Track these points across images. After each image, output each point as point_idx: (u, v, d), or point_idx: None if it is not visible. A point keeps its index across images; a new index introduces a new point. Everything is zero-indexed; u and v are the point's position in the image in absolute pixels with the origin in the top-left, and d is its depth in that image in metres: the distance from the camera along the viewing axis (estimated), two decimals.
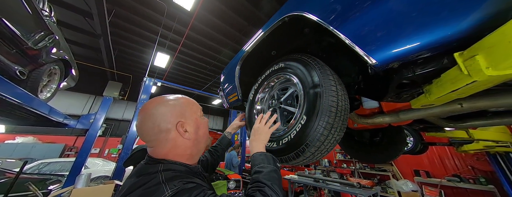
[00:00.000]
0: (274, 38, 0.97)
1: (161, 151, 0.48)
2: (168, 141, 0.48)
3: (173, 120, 0.48)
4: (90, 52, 7.08)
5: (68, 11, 5.09)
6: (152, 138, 0.48)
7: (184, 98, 0.55)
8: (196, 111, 0.55)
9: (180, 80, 9.62)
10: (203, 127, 0.57)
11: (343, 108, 0.65)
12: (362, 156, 1.67)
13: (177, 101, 0.52)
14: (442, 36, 0.41)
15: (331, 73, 0.70)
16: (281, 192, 0.45)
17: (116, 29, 5.90)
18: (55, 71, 2.00)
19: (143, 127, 0.48)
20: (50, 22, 1.63)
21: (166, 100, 0.51)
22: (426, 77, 0.53)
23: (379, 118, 0.94)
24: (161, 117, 0.47)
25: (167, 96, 0.53)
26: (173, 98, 0.53)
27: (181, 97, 0.55)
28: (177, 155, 0.49)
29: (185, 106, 0.53)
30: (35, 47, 1.47)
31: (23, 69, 1.49)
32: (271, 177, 0.48)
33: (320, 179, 2.79)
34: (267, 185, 0.45)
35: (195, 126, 0.53)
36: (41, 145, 7.16)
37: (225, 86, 1.38)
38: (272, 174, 0.50)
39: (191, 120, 0.52)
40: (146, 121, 0.47)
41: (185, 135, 0.50)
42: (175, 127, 0.48)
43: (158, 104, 0.49)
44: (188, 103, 0.54)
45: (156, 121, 0.47)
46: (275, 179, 0.49)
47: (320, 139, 0.60)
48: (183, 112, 0.51)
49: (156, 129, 0.47)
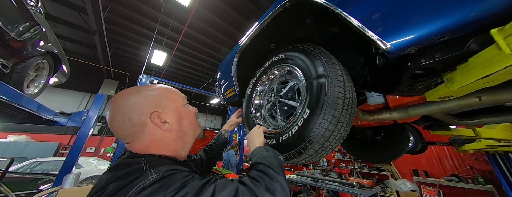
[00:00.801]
0: (273, 29, 0.90)
1: (140, 145, 0.42)
2: (146, 135, 0.42)
3: (147, 111, 0.42)
4: (86, 49, 6.92)
5: (62, 7, 4.94)
6: (126, 134, 0.42)
7: (161, 87, 0.49)
8: (177, 99, 0.49)
9: (178, 78, 9.49)
10: (188, 117, 0.51)
11: (351, 100, 0.58)
12: (364, 155, 1.61)
13: (151, 90, 0.46)
14: (474, 12, 0.35)
15: (337, 63, 0.63)
16: (279, 169, 0.43)
17: (112, 25, 5.76)
18: (43, 65, 1.90)
19: (114, 122, 0.42)
20: (36, 13, 1.54)
21: (137, 89, 0.46)
22: (447, 63, 0.46)
23: (386, 114, 0.88)
24: (132, 108, 0.42)
25: (138, 87, 0.47)
26: (147, 87, 0.47)
27: (157, 86, 0.49)
28: (160, 149, 0.43)
29: (162, 95, 0.47)
30: (18, 38, 1.38)
31: (6, 62, 1.39)
32: (264, 156, 0.48)
33: (319, 178, 2.74)
34: (262, 163, 0.44)
35: (176, 115, 0.47)
36: (34, 144, 6.99)
37: (222, 82, 1.31)
38: (270, 158, 0.48)
39: (170, 110, 0.46)
40: (116, 114, 0.42)
41: (164, 126, 0.44)
42: (150, 118, 0.42)
43: (128, 94, 0.44)
44: (165, 91, 0.49)
45: (127, 114, 0.41)
46: (272, 157, 0.48)
47: (325, 134, 0.53)
48: (159, 102, 0.45)
49: (128, 123, 0.41)
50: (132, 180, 0.31)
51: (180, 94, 0.52)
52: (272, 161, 0.46)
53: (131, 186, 0.30)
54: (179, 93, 0.52)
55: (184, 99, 0.53)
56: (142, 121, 0.42)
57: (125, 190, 0.29)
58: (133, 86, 0.53)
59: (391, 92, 0.69)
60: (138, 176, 0.32)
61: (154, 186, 0.30)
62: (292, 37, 0.99)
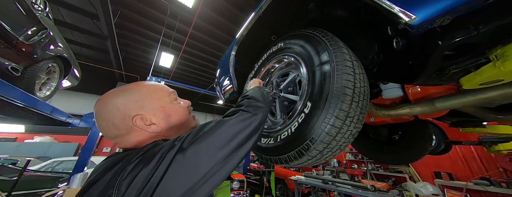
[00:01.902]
0: (272, 18, 0.82)
1: (129, 145, 0.40)
2: (134, 136, 0.41)
3: (128, 114, 0.40)
4: (100, 54, 7.30)
5: (77, 15, 5.24)
6: (113, 136, 0.41)
7: (144, 85, 0.45)
8: (161, 97, 0.45)
9: (186, 80, 9.69)
10: (177, 113, 0.46)
11: (362, 90, 0.48)
12: (379, 156, 1.46)
13: (132, 92, 0.43)
14: None
15: (345, 46, 0.53)
16: (261, 100, 0.46)
17: (122, 30, 6.00)
18: (54, 68, 1.98)
19: (99, 127, 0.41)
20: (43, 17, 1.59)
21: (114, 92, 0.43)
22: (498, 35, 0.34)
23: (406, 108, 0.75)
24: (113, 113, 0.39)
25: (120, 88, 0.43)
26: (129, 88, 0.44)
27: (140, 85, 0.45)
28: None
29: (143, 96, 0.43)
30: (27, 42, 1.42)
31: (16, 66, 1.45)
32: (252, 96, 0.48)
33: (329, 180, 2.58)
34: (246, 97, 0.46)
35: (162, 114, 0.44)
36: (57, 144, 7.52)
37: (221, 79, 1.24)
38: (254, 92, 0.50)
39: (155, 109, 0.43)
40: (99, 119, 0.41)
41: (151, 128, 0.41)
42: (133, 122, 0.39)
43: (109, 98, 0.41)
44: (148, 90, 0.44)
45: (109, 119, 0.40)
46: (255, 92, 0.49)
47: (330, 132, 0.44)
48: (141, 103, 0.42)
49: (112, 127, 0.40)
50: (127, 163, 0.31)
51: (165, 90, 0.48)
52: (253, 94, 0.49)
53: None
54: (164, 89, 0.48)
55: (171, 94, 0.48)
56: (126, 125, 0.39)
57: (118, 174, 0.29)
58: None
59: (413, 82, 0.57)
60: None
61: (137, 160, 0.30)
62: (294, 26, 0.90)
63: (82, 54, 7.49)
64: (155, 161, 0.29)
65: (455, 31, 0.37)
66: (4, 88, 1.24)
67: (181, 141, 0.32)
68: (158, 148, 0.32)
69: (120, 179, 0.28)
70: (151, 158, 0.29)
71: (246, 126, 0.36)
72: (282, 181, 4.01)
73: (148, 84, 0.46)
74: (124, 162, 0.31)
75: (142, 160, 0.30)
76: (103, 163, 0.36)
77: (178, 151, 0.30)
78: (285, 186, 3.88)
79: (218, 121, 0.36)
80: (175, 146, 0.30)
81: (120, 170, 0.29)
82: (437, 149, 1.97)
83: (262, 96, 0.48)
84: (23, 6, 1.36)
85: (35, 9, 1.50)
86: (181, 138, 0.33)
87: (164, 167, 0.28)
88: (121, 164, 0.31)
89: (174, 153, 0.29)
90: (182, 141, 0.31)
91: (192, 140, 0.31)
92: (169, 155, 0.29)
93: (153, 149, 0.33)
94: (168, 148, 0.30)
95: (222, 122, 0.36)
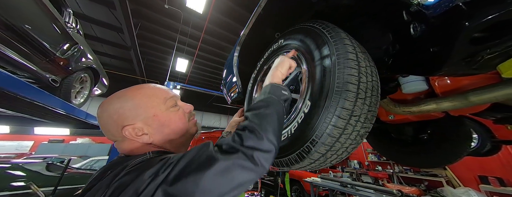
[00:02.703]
0: (274, 14, 0.79)
1: (125, 151, 0.41)
2: (128, 145, 0.41)
3: (120, 124, 0.39)
4: (125, 63, 8.08)
5: (105, 29, 5.89)
6: (114, 140, 0.43)
7: (138, 91, 0.43)
8: (156, 105, 0.42)
9: (201, 83, 10.13)
10: (172, 122, 0.44)
11: (370, 85, 0.42)
12: (405, 158, 1.30)
13: (125, 98, 0.41)
14: None
15: (348, 37, 0.48)
16: (271, 133, 0.34)
17: (143, 40, 6.55)
18: (86, 78, 2.24)
19: (102, 130, 0.42)
20: (74, 34, 1.81)
21: (112, 98, 0.42)
22: None
23: (431, 104, 0.65)
24: (108, 121, 0.40)
25: (118, 93, 0.43)
26: (123, 94, 0.42)
27: (135, 91, 0.43)
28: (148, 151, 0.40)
29: (137, 104, 0.41)
30: (62, 56, 1.64)
31: (55, 77, 1.67)
32: (260, 115, 0.37)
33: (348, 183, 2.40)
34: (248, 126, 0.35)
35: (155, 124, 0.41)
36: (94, 145, 8.55)
37: (227, 80, 1.25)
38: (264, 110, 0.38)
39: (147, 118, 0.41)
40: (100, 125, 0.42)
41: (143, 138, 0.40)
42: (122, 132, 0.39)
43: (104, 106, 0.42)
44: (142, 97, 0.42)
45: (105, 127, 0.41)
46: (266, 117, 0.37)
47: (332, 133, 0.40)
48: (134, 112, 0.40)
49: (110, 134, 0.42)
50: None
51: (161, 97, 0.44)
52: (265, 112, 0.38)
53: None
54: (161, 95, 0.44)
55: (169, 100, 0.44)
56: (119, 133, 0.40)
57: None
58: None
59: (437, 73, 0.49)
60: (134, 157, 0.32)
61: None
62: (298, 21, 0.85)
63: (111, 64, 8.39)
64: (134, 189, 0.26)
65: (486, 6, 0.30)
66: (48, 99, 1.45)
67: (167, 172, 0.28)
68: (139, 172, 0.29)
69: None
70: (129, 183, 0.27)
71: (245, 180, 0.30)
72: (297, 183, 3.90)
73: (144, 90, 0.43)
74: (109, 177, 0.31)
75: (118, 186, 0.28)
76: (100, 171, 0.37)
77: (161, 183, 0.27)
78: (301, 188, 3.75)
79: (209, 157, 0.30)
80: (158, 177, 0.27)
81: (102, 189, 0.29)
82: (481, 150, 1.68)
83: (276, 116, 0.37)
84: (58, 26, 1.57)
85: (68, 27, 1.72)
86: (167, 167, 0.29)
87: None
88: (105, 179, 0.31)
89: (157, 186, 0.27)
90: (167, 173, 0.28)
91: (178, 176, 0.28)
92: (150, 186, 0.27)
93: (135, 170, 0.30)
94: (151, 178, 0.27)
95: (213, 161, 0.29)
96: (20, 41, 1.25)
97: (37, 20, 1.36)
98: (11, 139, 7.27)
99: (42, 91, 1.36)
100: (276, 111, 0.38)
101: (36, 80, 1.55)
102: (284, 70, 0.49)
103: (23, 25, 1.22)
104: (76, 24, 1.97)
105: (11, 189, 2.43)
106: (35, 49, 1.38)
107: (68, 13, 1.82)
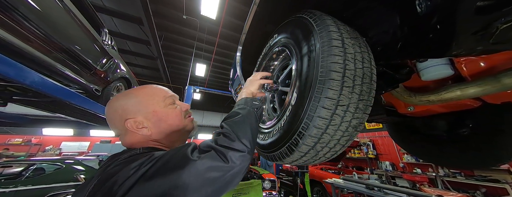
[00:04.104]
0: (270, 9, 0.79)
1: (127, 144, 0.47)
2: (130, 137, 0.46)
3: (123, 117, 0.45)
4: (153, 72, 9.09)
5: (136, 43, 6.75)
6: (118, 134, 0.48)
7: (141, 90, 0.50)
8: (156, 102, 0.49)
9: (219, 86, 10.63)
10: (169, 117, 0.49)
11: (359, 73, 0.39)
12: (439, 158, 1.11)
13: (129, 95, 0.48)
14: None
15: (334, 24, 0.45)
16: (243, 135, 0.38)
17: (167, 50, 7.27)
18: (121, 87, 2.61)
19: (110, 127, 0.49)
20: (110, 49, 2.14)
21: (118, 96, 0.49)
22: None
23: (454, 90, 0.55)
24: (113, 115, 0.46)
25: (124, 92, 0.51)
26: (128, 93, 0.49)
27: (137, 90, 0.50)
28: (145, 145, 0.46)
29: (139, 101, 0.47)
30: (102, 69, 1.96)
31: (98, 87, 2.01)
32: (233, 122, 0.42)
33: (375, 186, 2.15)
34: (225, 128, 0.40)
35: (154, 119, 0.47)
36: None
37: (233, 80, 1.30)
38: (237, 118, 0.43)
39: (147, 113, 0.46)
40: (107, 120, 0.48)
41: (142, 131, 0.45)
42: (125, 125, 0.44)
43: (111, 102, 0.48)
44: (144, 95, 0.48)
45: (111, 121, 0.47)
46: (239, 123, 0.41)
47: (317, 124, 0.38)
48: (136, 107, 0.46)
49: (113, 127, 0.47)
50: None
51: (161, 95, 0.51)
52: (237, 120, 0.42)
53: None
54: (160, 95, 0.51)
55: (168, 98, 0.51)
56: (122, 126, 0.45)
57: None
58: None
59: (448, 53, 0.42)
60: (127, 151, 0.36)
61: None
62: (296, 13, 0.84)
63: (143, 74, 9.54)
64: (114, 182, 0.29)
65: None
66: (93, 106, 1.78)
67: (147, 167, 0.31)
68: (124, 166, 0.33)
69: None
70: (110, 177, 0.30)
71: (216, 176, 0.32)
72: (319, 184, 3.70)
73: (147, 89, 0.50)
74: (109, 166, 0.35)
75: (104, 177, 0.32)
76: (105, 161, 0.43)
77: (140, 177, 0.30)
78: (323, 189, 3.55)
79: (185, 156, 0.32)
80: (138, 171, 0.30)
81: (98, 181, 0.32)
82: None
83: (249, 121, 0.41)
84: (98, 45, 1.89)
85: (105, 44, 2.05)
86: (148, 162, 0.32)
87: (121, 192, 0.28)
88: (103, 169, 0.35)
89: (136, 179, 0.30)
90: (147, 168, 0.31)
91: (156, 172, 0.31)
92: (130, 179, 0.30)
93: (122, 164, 0.33)
94: (133, 172, 0.31)
95: (187, 160, 0.31)
96: (72, 60, 1.54)
97: (82, 42, 1.66)
98: (74, 140, 8.94)
99: (89, 100, 1.66)
100: (248, 118, 0.43)
101: (84, 91, 1.89)
102: (254, 89, 0.56)
103: (73, 46, 1.51)
104: (111, 41, 2.33)
105: (74, 180, 3.01)
106: (82, 65, 1.69)
107: (105, 33, 2.16)
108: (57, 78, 1.53)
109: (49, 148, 8.05)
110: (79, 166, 3.25)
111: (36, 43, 1.17)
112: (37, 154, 7.66)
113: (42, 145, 7.96)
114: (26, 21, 1.03)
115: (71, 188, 2.95)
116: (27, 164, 3.29)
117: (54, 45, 1.32)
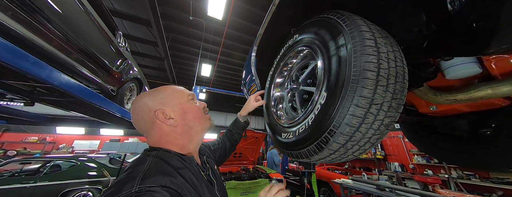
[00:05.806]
0: (289, 9, 0.80)
1: (153, 139, 0.50)
2: (155, 130, 0.49)
3: (153, 109, 0.49)
4: (161, 73, 9.28)
5: (145, 45, 6.92)
6: (143, 130, 0.51)
7: (167, 87, 0.56)
8: (181, 96, 0.54)
9: (224, 85, 10.72)
10: (192, 111, 0.54)
11: (393, 72, 0.40)
12: (459, 159, 1.08)
13: (158, 92, 0.53)
14: None
15: (365, 24, 0.46)
16: None
17: (173, 51, 7.40)
18: (133, 87, 2.70)
19: (133, 122, 0.52)
20: (124, 51, 2.21)
21: (146, 93, 0.53)
22: None
23: (484, 89, 0.54)
24: (143, 108, 0.49)
25: (151, 90, 0.55)
26: (156, 90, 0.54)
27: (163, 87, 0.55)
28: (168, 143, 0.49)
29: (166, 94, 0.53)
30: (117, 70, 2.03)
31: (113, 88, 2.08)
32: None
33: (386, 186, 2.11)
34: None
35: (180, 111, 0.52)
36: (142, 144, 10.11)
37: (246, 80, 1.31)
38: None
39: (174, 106, 0.51)
40: (133, 115, 0.51)
41: (169, 121, 0.49)
42: (155, 115, 0.48)
43: (139, 98, 0.52)
44: (171, 91, 0.54)
45: (139, 113, 0.50)
46: None
47: (350, 122, 0.39)
48: (163, 101, 0.51)
49: (141, 121, 0.50)
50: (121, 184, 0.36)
51: (184, 92, 0.57)
52: None
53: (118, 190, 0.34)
54: (184, 91, 0.57)
55: (190, 95, 0.57)
56: (150, 118, 0.48)
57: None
58: None
59: (486, 51, 0.41)
60: (127, 182, 0.35)
61: None
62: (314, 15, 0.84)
63: (150, 75, 9.77)
64: None
65: None
66: (109, 105, 1.85)
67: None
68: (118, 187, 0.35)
69: None
70: None
71: None
72: (326, 184, 3.66)
73: (172, 87, 0.56)
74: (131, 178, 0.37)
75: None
76: None
77: None
78: (330, 190, 3.51)
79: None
80: None
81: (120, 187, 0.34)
82: None
83: None
84: (113, 47, 1.96)
85: (119, 46, 2.12)
86: None
87: None
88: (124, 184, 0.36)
89: None
90: None
91: None
92: None
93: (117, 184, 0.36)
94: None
95: None
96: (91, 61, 1.61)
97: (101, 44, 1.73)
98: (85, 139, 9.25)
99: (107, 100, 1.73)
100: None
101: (101, 91, 1.97)
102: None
103: (93, 48, 1.58)
104: (125, 43, 2.41)
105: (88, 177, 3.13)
106: (100, 66, 1.76)
107: (119, 35, 2.23)
108: (77, 79, 1.60)
109: (63, 146, 8.39)
110: (92, 163, 3.38)
111: (60, 45, 1.24)
112: (51, 151, 8.00)
113: (56, 143, 8.30)
114: (51, 24, 1.08)
115: (85, 185, 3.08)
116: (44, 161, 3.45)
117: (76, 47, 1.39)
